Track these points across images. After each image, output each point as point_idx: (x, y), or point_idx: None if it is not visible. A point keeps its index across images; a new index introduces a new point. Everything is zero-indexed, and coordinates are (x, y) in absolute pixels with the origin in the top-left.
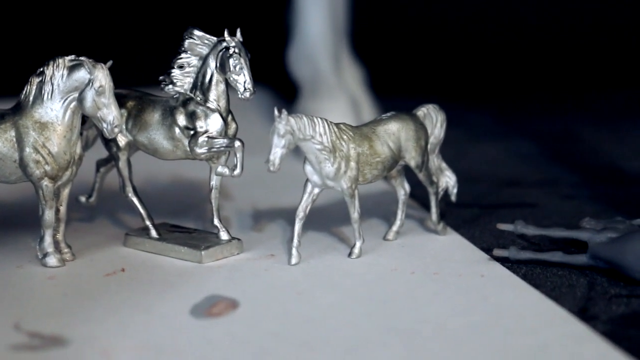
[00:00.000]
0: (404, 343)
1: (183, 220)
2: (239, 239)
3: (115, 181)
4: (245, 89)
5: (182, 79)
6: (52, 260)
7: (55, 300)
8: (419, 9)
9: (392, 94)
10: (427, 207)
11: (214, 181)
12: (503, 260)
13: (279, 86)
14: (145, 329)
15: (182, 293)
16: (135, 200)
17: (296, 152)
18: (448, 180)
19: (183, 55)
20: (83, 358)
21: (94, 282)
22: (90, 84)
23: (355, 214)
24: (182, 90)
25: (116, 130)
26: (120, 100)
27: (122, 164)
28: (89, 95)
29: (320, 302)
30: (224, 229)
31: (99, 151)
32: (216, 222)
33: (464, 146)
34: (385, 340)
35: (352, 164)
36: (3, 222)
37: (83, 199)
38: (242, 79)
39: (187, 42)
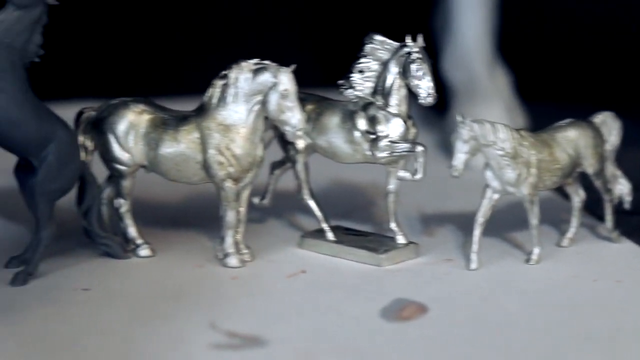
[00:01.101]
0: (603, 352)
1: (350, 222)
2: (415, 243)
3: (287, 183)
4: (427, 94)
5: (362, 84)
6: (233, 260)
7: (243, 300)
8: (564, 12)
9: (537, 99)
10: (594, 214)
11: (392, 185)
12: None
13: None
14: (339, 332)
15: (368, 296)
16: (311, 203)
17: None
18: (622, 187)
19: (363, 60)
20: (284, 359)
21: (277, 283)
22: (275, 87)
23: (534, 220)
24: (362, 95)
25: (299, 133)
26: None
27: (300, 166)
28: (273, 98)
29: (507, 308)
30: (400, 233)
31: (274, 153)
32: (393, 225)
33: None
34: (584, 348)
35: (533, 170)
36: (178, 223)
37: (256, 200)
38: (424, 84)
39: (367, 47)
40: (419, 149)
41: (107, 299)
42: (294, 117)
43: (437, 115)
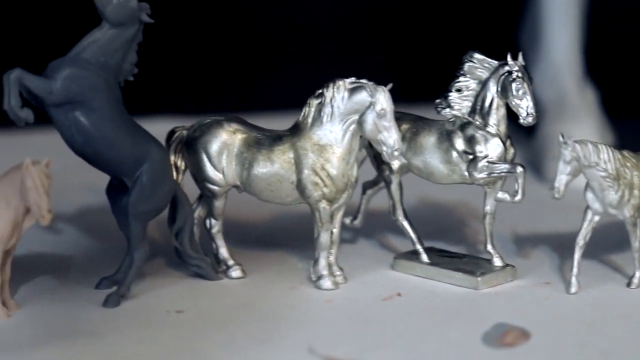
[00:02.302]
0: None
1: (442, 243)
2: (512, 266)
3: (376, 203)
4: (527, 113)
5: (459, 103)
6: (327, 282)
7: (340, 323)
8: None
9: (624, 116)
10: None
11: (489, 206)
12: None
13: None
14: (442, 357)
15: (467, 320)
16: (405, 224)
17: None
18: None
19: (461, 78)
20: None
21: (373, 306)
22: (372, 106)
23: (636, 243)
24: (460, 114)
25: (396, 153)
26: None
27: (395, 187)
28: (370, 118)
29: (612, 334)
30: (497, 255)
31: (366, 173)
32: (489, 247)
33: None
34: None
35: (636, 192)
36: (268, 243)
37: (348, 220)
38: (525, 104)
39: (466, 66)
40: (519, 169)
41: (201, 322)
42: (390, 137)
43: (524, 134)
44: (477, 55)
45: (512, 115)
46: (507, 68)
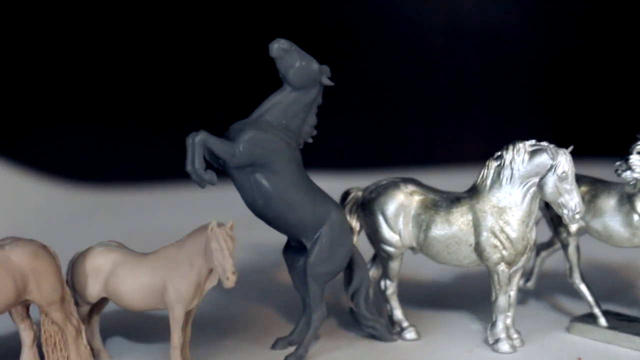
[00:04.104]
0: None
1: (612, 305)
2: None
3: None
4: None
5: None
6: (504, 346)
7: None
8: None
9: None
10: None
11: None
12: None
13: None
14: None
15: None
16: (582, 287)
17: None
18: None
19: None
20: None
21: None
22: (553, 169)
23: None
24: None
25: (577, 217)
26: None
27: (572, 249)
28: (551, 180)
29: None
30: None
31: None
32: None
33: None
34: None
35: None
36: (441, 304)
37: (521, 282)
38: None
39: None
40: None
41: None
42: (572, 200)
43: None
44: None
45: None
46: None
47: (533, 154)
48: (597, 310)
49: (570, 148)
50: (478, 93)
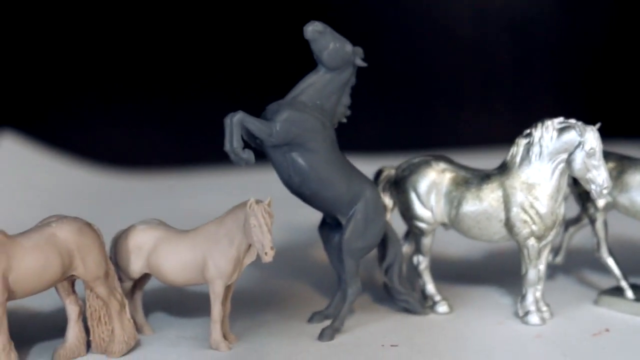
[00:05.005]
0: None
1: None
2: None
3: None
4: None
5: None
6: (534, 318)
7: (554, 359)
8: None
9: None
10: None
11: None
12: None
13: None
14: None
15: None
16: (609, 261)
17: None
18: None
19: None
20: None
21: (584, 342)
22: (581, 146)
23: None
24: None
25: (605, 192)
26: None
27: (600, 225)
28: (579, 157)
29: None
30: None
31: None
32: None
33: None
34: None
35: None
36: (471, 279)
37: (550, 257)
38: None
39: None
40: None
41: (419, 355)
42: (600, 176)
43: None
44: None
45: None
46: None
47: (561, 131)
48: (624, 284)
49: (598, 125)
50: (507, 75)
